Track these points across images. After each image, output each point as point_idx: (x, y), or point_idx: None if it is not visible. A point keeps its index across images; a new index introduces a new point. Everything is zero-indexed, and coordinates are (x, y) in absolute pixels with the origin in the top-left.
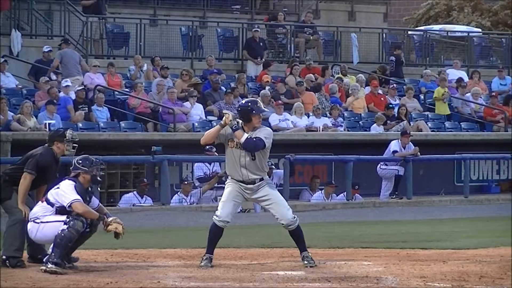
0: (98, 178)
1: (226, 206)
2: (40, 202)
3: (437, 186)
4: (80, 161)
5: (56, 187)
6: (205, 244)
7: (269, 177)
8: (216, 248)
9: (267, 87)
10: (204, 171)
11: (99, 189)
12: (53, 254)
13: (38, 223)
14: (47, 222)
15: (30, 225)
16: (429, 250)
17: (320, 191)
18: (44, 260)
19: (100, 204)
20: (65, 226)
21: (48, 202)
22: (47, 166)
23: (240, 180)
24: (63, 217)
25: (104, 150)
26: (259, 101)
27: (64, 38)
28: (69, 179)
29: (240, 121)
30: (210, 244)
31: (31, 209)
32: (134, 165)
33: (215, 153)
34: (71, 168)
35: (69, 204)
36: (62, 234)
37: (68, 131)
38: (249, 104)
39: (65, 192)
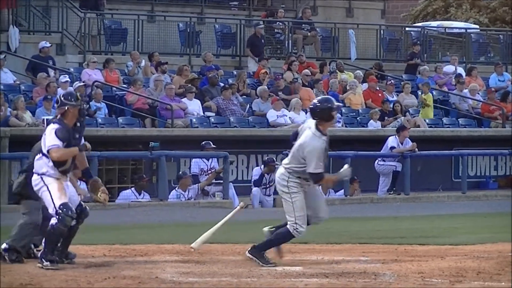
0: (85, 111)
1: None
2: (38, 155)
3: (435, 182)
4: (68, 96)
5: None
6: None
7: (272, 173)
8: (213, 243)
9: (266, 81)
10: (202, 167)
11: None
12: (46, 250)
13: (42, 184)
14: (47, 189)
15: (35, 178)
16: (427, 246)
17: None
18: (39, 256)
19: (86, 142)
20: (54, 221)
21: (43, 154)
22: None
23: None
24: (59, 199)
25: (102, 146)
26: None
27: None
28: (53, 123)
29: None
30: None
31: (32, 212)
32: (132, 161)
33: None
34: (57, 105)
35: (46, 151)
36: (52, 230)
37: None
38: (327, 102)
39: (46, 138)
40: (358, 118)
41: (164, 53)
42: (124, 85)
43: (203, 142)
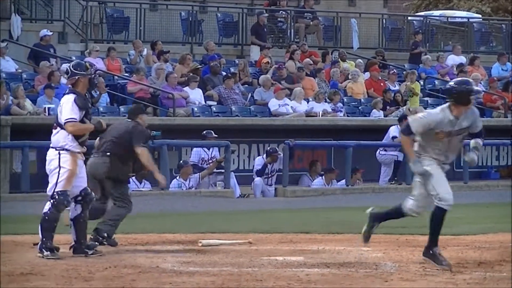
0: (95, 81)
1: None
2: (56, 129)
3: None
4: (77, 67)
5: (59, 104)
6: (201, 229)
7: (274, 162)
8: (215, 233)
9: (270, 71)
10: (202, 156)
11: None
12: (44, 239)
13: (57, 164)
14: (57, 172)
15: (52, 153)
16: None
17: (320, 177)
18: (38, 247)
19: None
20: (48, 206)
21: (61, 126)
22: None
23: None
24: (62, 186)
25: None
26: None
27: None
28: (68, 94)
29: None
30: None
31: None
32: None
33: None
34: (66, 76)
35: (64, 123)
36: (46, 217)
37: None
38: (466, 84)
39: (63, 109)
40: (360, 108)
41: (166, 41)
42: (126, 74)
43: (205, 132)
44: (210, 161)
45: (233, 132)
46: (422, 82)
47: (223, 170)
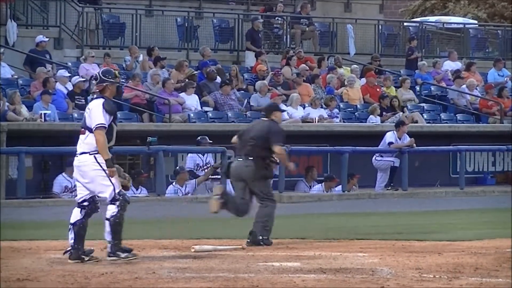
0: (122, 90)
1: None
2: (85, 134)
3: (432, 178)
4: (106, 74)
5: (87, 108)
6: (198, 235)
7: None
8: (210, 239)
9: (268, 77)
10: (197, 162)
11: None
12: (115, 242)
13: (97, 165)
14: (104, 171)
15: (86, 158)
16: (424, 242)
17: (320, 184)
18: (110, 252)
19: None
20: (115, 209)
21: (89, 130)
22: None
23: None
24: (118, 185)
25: None
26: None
27: None
28: (97, 98)
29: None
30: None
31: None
32: (129, 156)
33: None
34: (95, 82)
35: (94, 128)
36: (117, 220)
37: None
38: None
39: (93, 113)
40: (356, 114)
41: (162, 47)
42: (122, 80)
43: (199, 137)
44: (205, 167)
45: (230, 138)
46: (418, 88)
47: (219, 176)
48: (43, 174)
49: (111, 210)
